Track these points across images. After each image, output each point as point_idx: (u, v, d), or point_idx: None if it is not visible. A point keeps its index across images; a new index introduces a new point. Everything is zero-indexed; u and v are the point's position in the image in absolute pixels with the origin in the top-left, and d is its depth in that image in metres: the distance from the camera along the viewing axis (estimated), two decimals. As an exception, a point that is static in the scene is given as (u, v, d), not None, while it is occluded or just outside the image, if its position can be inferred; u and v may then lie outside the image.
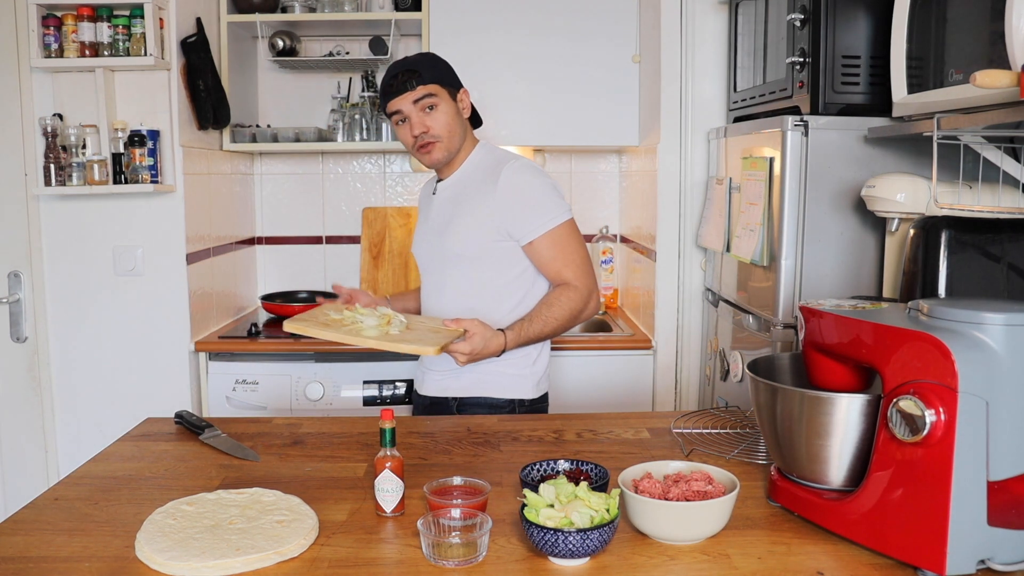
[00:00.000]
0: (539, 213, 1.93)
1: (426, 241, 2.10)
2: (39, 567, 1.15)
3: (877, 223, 1.99)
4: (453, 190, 2.04)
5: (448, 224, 1.99)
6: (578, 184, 3.48)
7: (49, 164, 2.55)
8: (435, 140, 1.96)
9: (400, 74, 1.95)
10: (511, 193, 1.92)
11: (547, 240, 1.93)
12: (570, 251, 1.95)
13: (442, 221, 2.02)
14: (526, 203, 1.93)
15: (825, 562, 1.14)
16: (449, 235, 1.99)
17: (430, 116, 1.95)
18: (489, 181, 1.95)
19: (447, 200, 2.03)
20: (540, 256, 1.95)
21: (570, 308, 1.92)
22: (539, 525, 1.11)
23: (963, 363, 1.04)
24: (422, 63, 1.98)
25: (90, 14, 2.54)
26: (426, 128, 1.95)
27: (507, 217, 1.92)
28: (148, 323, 2.73)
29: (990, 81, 1.26)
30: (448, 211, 2.01)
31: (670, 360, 2.77)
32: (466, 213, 1.97)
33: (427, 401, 2.06)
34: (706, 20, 2.63)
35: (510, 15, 2.98)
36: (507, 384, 1.98)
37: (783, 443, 1.26)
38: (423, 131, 1.95)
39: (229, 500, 1.33)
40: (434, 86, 1.96)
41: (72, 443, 2.75)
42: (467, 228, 1.96)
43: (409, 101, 1.94)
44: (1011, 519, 1.07)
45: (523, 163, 1.99)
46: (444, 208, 2.03)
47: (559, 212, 1.94)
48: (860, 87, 1.98)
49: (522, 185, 1.94)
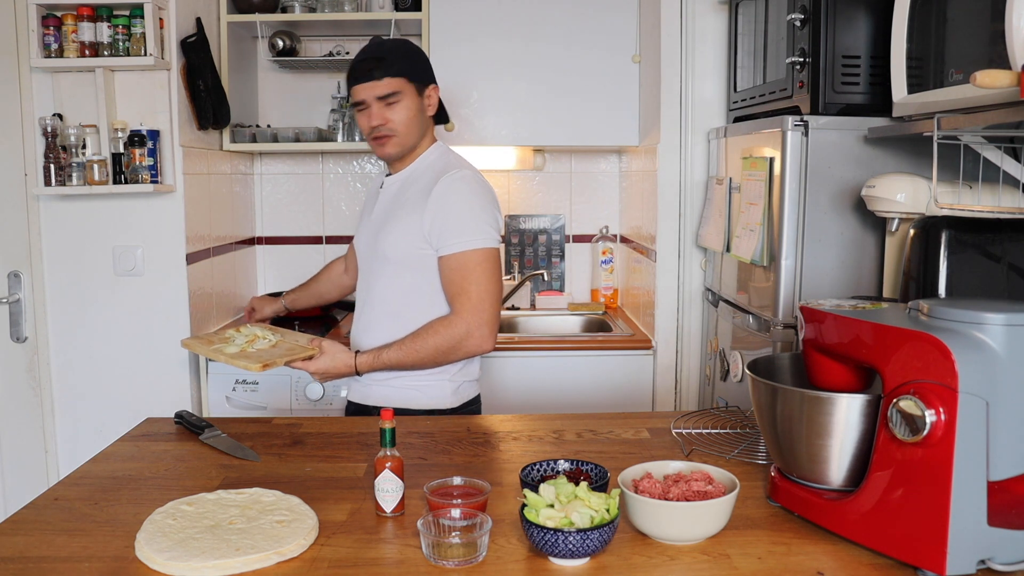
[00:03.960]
0: (457, 231, 1.85)
1: (365, 236, 2.06)
2: (39, 567, 1.15)
3: (877, 223, 1.99)
4: (397, 188, 1.99)
5: (385, 223, 1.96)
6: (578, 184, 3.48)
7: (49, 164, 2.55)
8: (391, 134, 1.92)
9: (369, 60, 1.89)
10: (440, 203, 1.87)
11: (454, 261, 1.85)
12: (471, 280, 1.84)
13: (381, 219, 1.99)
14: (449, 216, 1.86)
15: (825, 562, 1.14)
16: (383, 234, 1.95)
17: (390, 109, 1.90)
18: (429, 186, 1.90)
19: (390, 197, 2.00)
20: (443, 275, 1.89)
21: (436, 344, 1.84)
22: (539, 525, 1.11)
23: (963, 363, 1.04)
24: (394, 52, 1.91)
25: (90, 14, 2.54)
26: (384, 120, 1.91)
27: (432, 226, 1.87)
28: (148, 323, 2.73)
29: (990, 81, 1.26)
30: (388, 209, 1.98)
31: (670, 360, 2.77)
32: (402, 215, 1.93)
33: (353, 407, 2.06)
34: (706, 20, 2.63)
35: (510, 15, 2.98)
36: (420, 396, 1.94)
37: (783, 443, 1.26)
38: (380, 123, 1.91)
39: (229, 500, 1.33)
40: (400, 80, 1.90)
41: (72, 443, 2.75)
42: (400, 230, 1.92)
43: (371, 91, 1.89)
44: (1011, 519, 1.07)
45: (465, 175, 1.91)
46: (386, 205, 2.00)
47: (479, 237, 1.85)
48: (860, 87, 1.98)
49: (453, 198, 1.87)
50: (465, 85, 3.00)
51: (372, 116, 1.91)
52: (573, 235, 3.50)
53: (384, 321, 1.96)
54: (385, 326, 1.95)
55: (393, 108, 1.90)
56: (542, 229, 3.48)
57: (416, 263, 1.92)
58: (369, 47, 1.94)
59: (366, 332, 2.01)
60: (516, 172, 3.45)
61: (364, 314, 2.04)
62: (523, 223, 3.47)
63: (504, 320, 3.24)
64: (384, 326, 1.95)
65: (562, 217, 3.48)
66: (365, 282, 2.05)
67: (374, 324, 1.99)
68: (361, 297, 2.07)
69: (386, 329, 1.94)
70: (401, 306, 1.95)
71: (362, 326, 2.04)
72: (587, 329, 3.25)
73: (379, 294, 1.99)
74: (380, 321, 1.98)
